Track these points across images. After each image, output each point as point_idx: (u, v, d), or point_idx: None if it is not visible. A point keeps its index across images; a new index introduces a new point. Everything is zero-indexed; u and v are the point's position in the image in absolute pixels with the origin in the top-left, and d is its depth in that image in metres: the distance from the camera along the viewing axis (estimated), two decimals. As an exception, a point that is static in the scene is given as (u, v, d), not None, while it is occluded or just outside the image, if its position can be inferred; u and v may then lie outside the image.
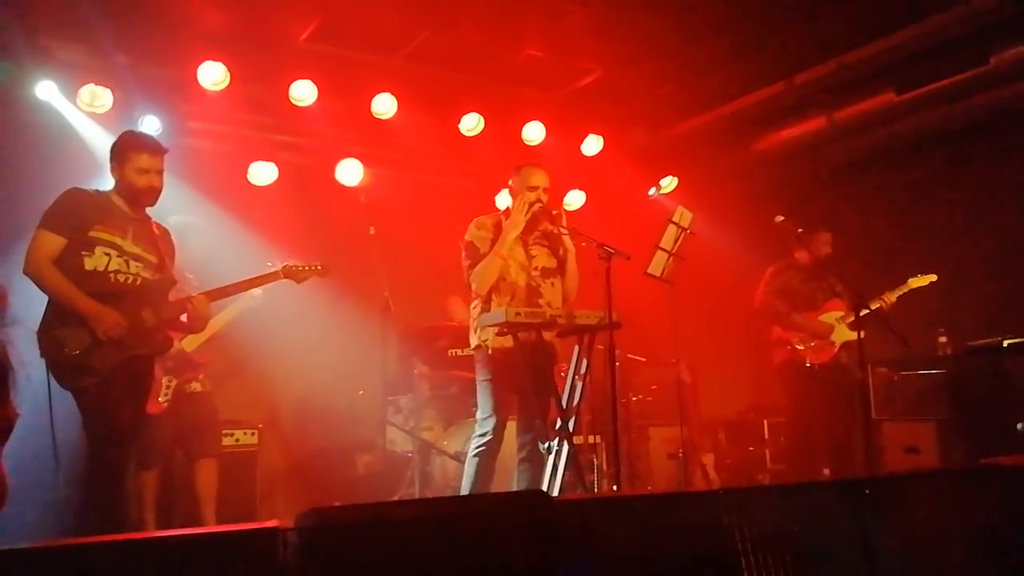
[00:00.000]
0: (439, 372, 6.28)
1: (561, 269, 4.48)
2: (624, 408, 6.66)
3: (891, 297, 5.73)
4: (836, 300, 5.91)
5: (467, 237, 4.39)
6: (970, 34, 5.53)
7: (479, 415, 4.39)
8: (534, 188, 4.42)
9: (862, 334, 4.92)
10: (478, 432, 4.35)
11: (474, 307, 4.46)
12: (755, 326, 7.49)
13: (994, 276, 6.24)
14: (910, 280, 5.77)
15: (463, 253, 4.38)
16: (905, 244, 6.72)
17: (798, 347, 5.85)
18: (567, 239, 4.44)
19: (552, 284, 4.44)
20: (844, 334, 5.77)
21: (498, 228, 4.42)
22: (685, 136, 7.28)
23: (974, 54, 5.65)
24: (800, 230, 5.15)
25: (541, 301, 4.35)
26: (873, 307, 5.32)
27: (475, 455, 4.30)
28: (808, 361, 5.82)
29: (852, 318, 5.65)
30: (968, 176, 6.59)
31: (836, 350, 5.82)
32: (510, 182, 4.53)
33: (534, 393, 4.28)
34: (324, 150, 6.63)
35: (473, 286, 4.28)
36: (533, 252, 4.43)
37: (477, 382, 4.40)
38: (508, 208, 4.55)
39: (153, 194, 3.94)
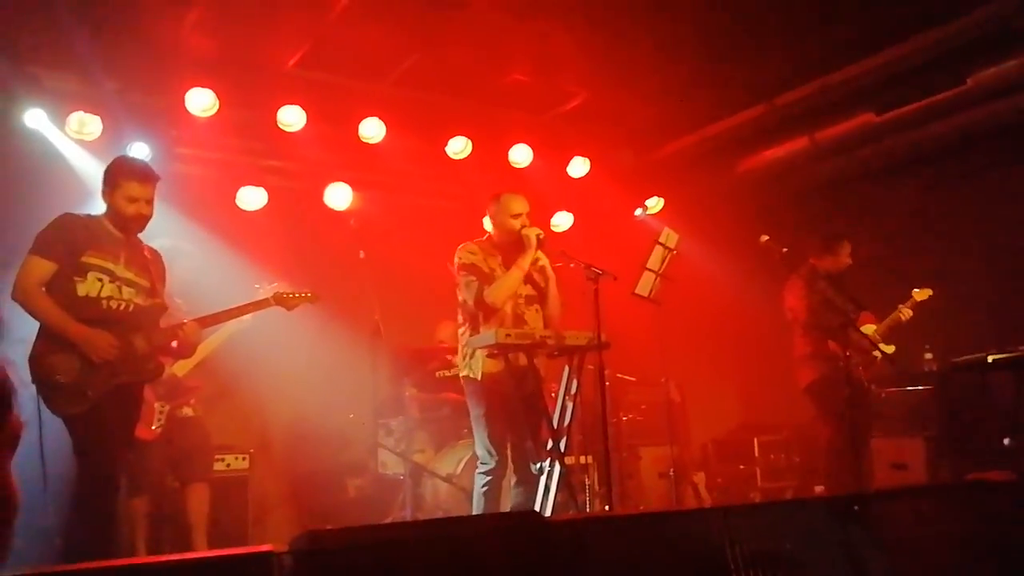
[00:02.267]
0: (430, 394, 6.28)
1: (542, 296, 4.51)
2: (615, 428, 6.67)
3: (906, 311, 5.66)
4: (866, 313, 5.71)
5: (462, 260, 4.40)
6: (947, 55, 5.64)
7: (478, 450, 4.40)
8: (517, 215, 4.45)
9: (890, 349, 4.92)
10: (481, 469, 4.36)
11: (462, 332, 4.47)
12: (744, 344, 7.54)
13: (980, 291, 6.32)
14: (914, 293, 5.69)
15: (461, 274, 4.39)
16: (893, 261, 6.80)
17: (848, 362, 5.32)
18: (547, 266, 4.47)
19: (536, 311, 4.47)
20: (883, 348, 5.51)
21: (486, 253, 4.44)
22: (671, 157, 7.36)
23: (952, 74, 5.75)
24: (784, 249, 5.19)
25: (526, 328, 4.38)
26: (904, 319, 5.34)
27: (483, 491, 4.31)
28: (856, 377, 5.47)
29: (885, 330, 5.58)
30: (950, 193, 6.68)
31: (878, 364, 5.61)
32: (488, 210, 4.56)
33: (525, 415, 4.29)
34: (313, 174, 6.65)
35: (488, 300, 4.28)
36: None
37: (472, 417, 4.40)
38: (490, 234, 4.57)
39: (142, 222, 3.94)
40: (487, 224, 4.55)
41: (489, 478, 4.30)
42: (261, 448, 6.28)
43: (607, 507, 4.49)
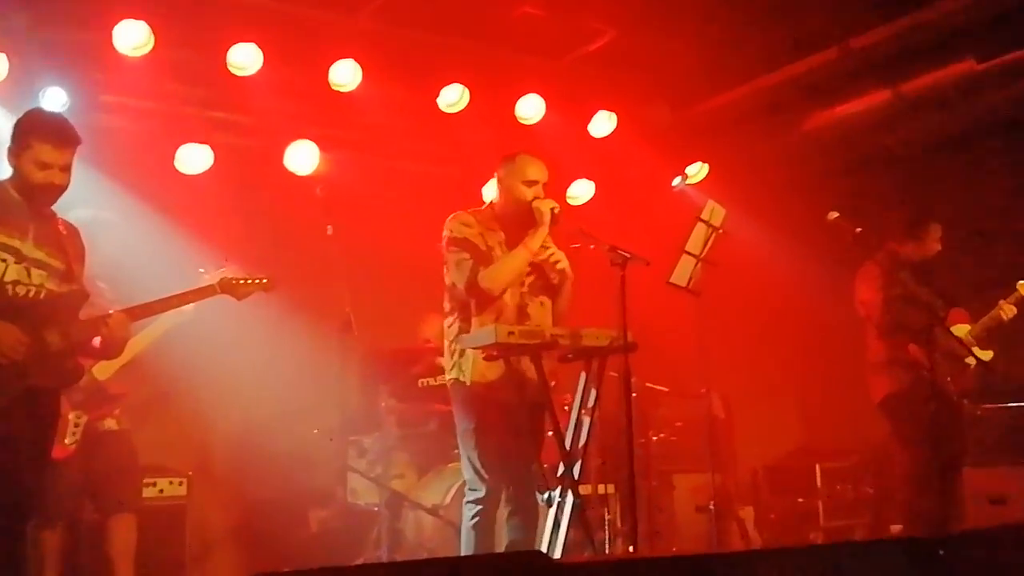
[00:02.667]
0: (412, 405, 6.30)
1: (552, 290, 4.51)
2: (642, 450, 6.65)
3: (1009, 308, 5.59)
4: (958, 310, 5.66)
5: (454, 232, 4.40)
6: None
7: (466, 473, 4.40)
8: (531, 183, 4.44)
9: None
10: (469, 498, 4.36)
11: (449, 324, 4.48)
12: (805, 347, 7.55)
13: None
14: (1019, 286, 5.60)
15: (451, 251, 4.39)
16: (992, 247, 6.76)
17: (934, 371, 5.29)
18: (566, 266, 4.48)
19: (541, 304, 4.48)
20: (978, 354, 5.41)
21: (485, 227, 4.44)
22: (717, 113, 7.33)
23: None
24: (858, 230, 5.17)
25: (528, 322, 4.38)
26: (1006, 318, 5.33)
27: (472, 524, 4.32)
28: (943, 390, 5.39)
29: (981, 332, 5.54)
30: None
31: (971, 374, 5.54)
32: (500, 172, 4.56)
33: (529, 433, 4.30)
34: (270, 130, 6.64)
35: (483, 284, 4.28)
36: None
37: (459, 431, 4.41)
38: (493, 203, 4.57)
39: (53, 192, 3.94)
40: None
41: (479, 507, 4.30)
42: (202, 470, 6.30)
43: (631, 548, 4.50)
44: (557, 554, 4.15)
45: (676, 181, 7.52)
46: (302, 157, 6.68)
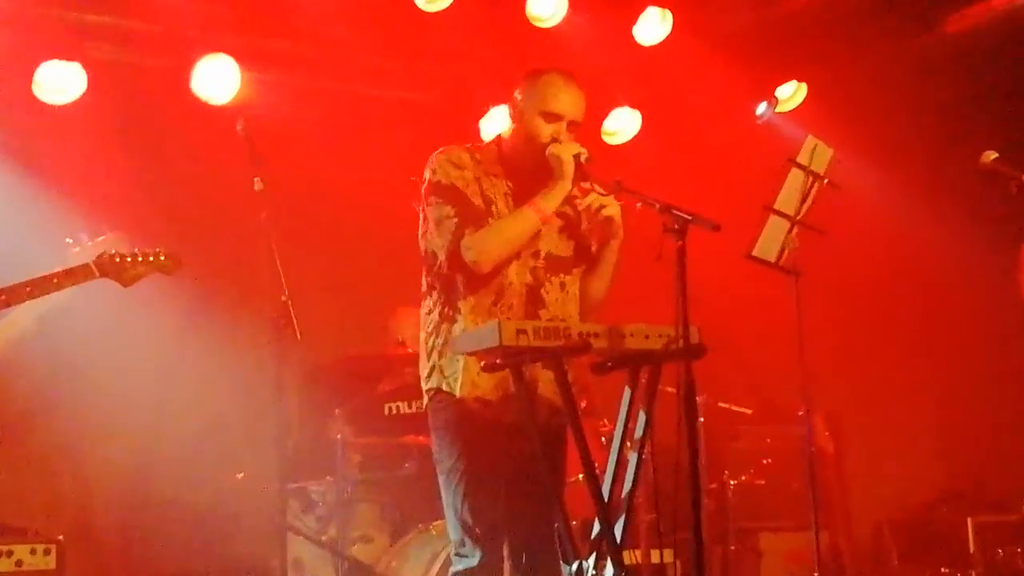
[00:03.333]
0: (380, 438, 6.32)
1: (586, 259, 4.48)
2: (715, 499, 6.62)
3: None
4: None
5: (436, 176, 4.36)
6: None
7: (451, 532, 4.36)
8: (552, 117, 4.38)
9: None
10: (457, 567, 4.32)
11: (428, 311, 4.45)
12: (947, 351, 7.51)
13: None
14: None
15: (431, 202, 4.34)
16: None
17: None
18: (615, 215, 4.43)
19: (562, 284, 4.43)
20: None
21: (484, 171, 4.41)
22: (818, 11, 7.30)
23: None
24: (1024, 176, 5.15)
25: (543, 315, 4.35)
26: None
27: None
28: None
29: None
30: None
31: None
32: (517, 95, 4.52)
33: (548, 476, 4.28)
34: (171, 40, 6.62)
35: (469, 256, 4.24)
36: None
37: (439, 470, 4.37)
38: (500, 137, 4.53)
39: None
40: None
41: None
42: (78, 532, 6.28)
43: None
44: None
45: (761, 109, 7.48)
46: (216, 79, 6.64)
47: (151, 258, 4.55)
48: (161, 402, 6.59)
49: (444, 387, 4.34)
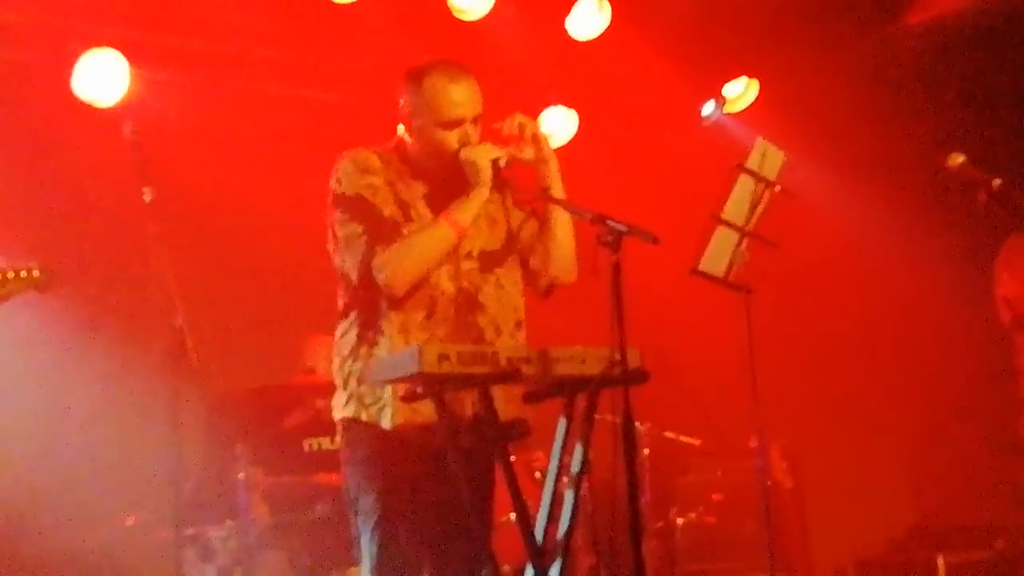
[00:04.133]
0: (290, 477, 6.32)
1: (517, 242, 4.48)
2: (661, 540, 6.64)
3: None
4: None
5: (341, 186, 4.34)
6: None
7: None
8: (452, 123, 4.37)
9: None
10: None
11: (344, 332, 4.42)
12: (916, 371, 7.58)
13: None
14: None
15: (338, 217, 4.33)
16: None
17: None
18: (532, 126, 4.44)
19: (497, 280, 4.44)
20: None
21: (396, 170, 4.39)
22: (769, 2, 7.36)
23: None
24: (996, 181, 5.19)
25: (482, 320, 4.40)
26: None
27: None
28: None
29: None
30: None
31: None
32: (402, 103, 4.49)
33: (474, 515, 4.27)
34: (48, 33, 6.60)
35: (382, 277, 4.22)
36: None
37: (353, 505, 4.38)
38: (402, 139, 4.51)
39: None
40: (401, 129, 4.50)
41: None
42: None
43: None
44: None
45: (707, 109, 7.55)
46: (101, 77, 6.60)
47: (23, 274, 4.50)
48: (39, 438, 6.51)
49: (364, 417, 4.32)
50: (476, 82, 4.43)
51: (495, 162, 4.31)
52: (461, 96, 4.38)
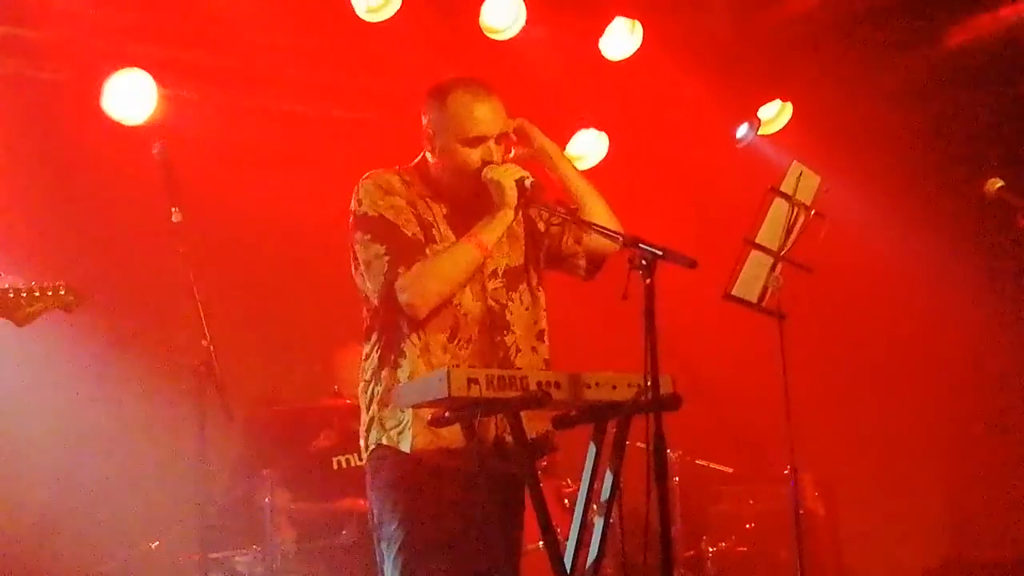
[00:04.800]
0: (317, 504, 6.30)
1: (536, 257, 4.48)
2: (692, 569, 6.58)
3: None
4: None
5: (363, 207, 4.33)
6: None
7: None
8: (475, 141, 4.36)
9: None
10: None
11: (367, 354, 4.40)
12: (951, 400, 7.52)
13: None
14: None
15: (360, 238, 4.32)
16: None
17: None
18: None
19: (520, 298, 4.43)
20: None
21: (419, 193, 4.39)
22: (805, 23, 7.35)
23: None
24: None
25: (508, 339, 4.39)
26: None
27: None
28: None
29: None
30: None
31: None
32: (425, 122, 4.47)
33: (502, 542, 4.24)
34: (78, 52, 6.60)
35: (404, 297, 4.21)
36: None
37: (378, 536, 4.36)
38: (424, 160, 4.50)
39: None
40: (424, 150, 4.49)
41: None
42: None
43: None
44: None
45: (741, 131, 7.52)
46: (130, 96, 6.61)
47: (50, 293, 4.50)
48: (64, 460, 6.51)
49: (385, 441, 4.29)
50: (501, 101, 4.41)
51: (520, 182, 4.28)
52: (484, 113, 4.36)
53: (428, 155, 4.49)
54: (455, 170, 4.37)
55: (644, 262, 4.02)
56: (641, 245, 4.04)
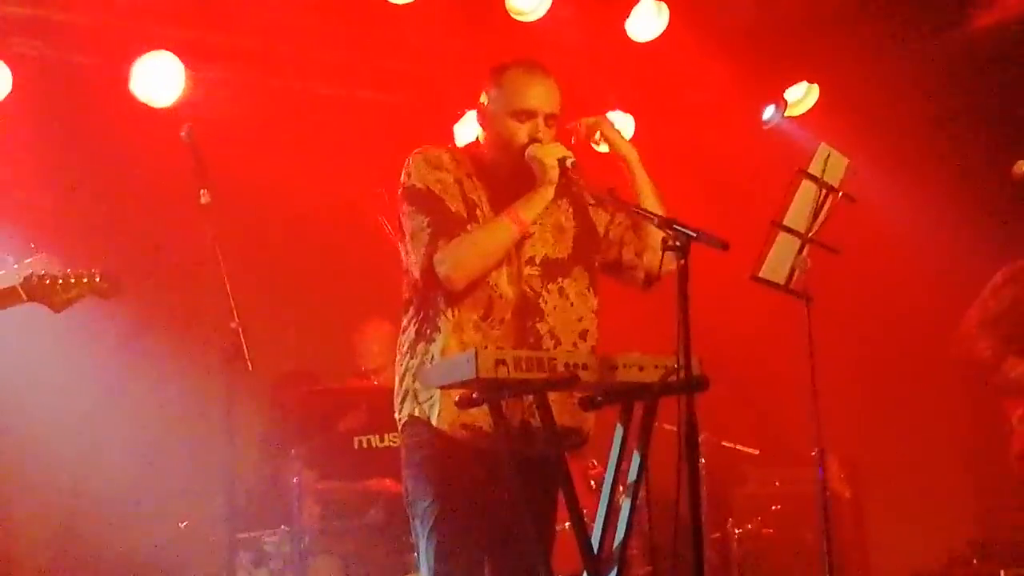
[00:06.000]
0: (344, 482, 6.32)
1: (588, 253, 4.50)
2: (718, 551, 6.62)
3: None
4: None
5: (412, 179, 4.34)
6: None
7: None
8: (524, 114, 4.37)
9: None
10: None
11: (404, 327, 4.42)
12: (977, 385, 7.51)
13: None
14: None
15: (407, 210, 4.33)
16: None
17: None
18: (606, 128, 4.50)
19: (560, 289, 4.42)
20: None
21: (466, 170, 4.40)
22: (831, 5, 7.33)
23: None
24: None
25: (541, 328, 4.42)
26: None
27: None
28: None
29: None
30: None
31: None
32: (483, 99, 4.52)
33: (532, 521, 4.26)
34: (106, 35, 6.62)
35: (442, 270, 4.22)
36: (528, 231, 4.42)
37: (411, 509, 4.37)
38: (477, 142, 4.53)
39: None
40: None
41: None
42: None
43: None
44: None
45: (768, 113, 7.52)
46: (158, 79, 6.64)
47: (85, 280, 4.54)
48: (96, 441, 6.55)
49: (418, 413, 4.31)
50: (556, 85, 4.46)
51: (562, 161, 4.31)
52: (537, 90, 4.41)
53: (479, 135, 4.54)
54: (502, 143, 4.41)
55: (678, 244, 4.05)
56: (675, 226, 4.07)
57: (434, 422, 4.27)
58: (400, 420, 4.41)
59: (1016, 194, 5.18)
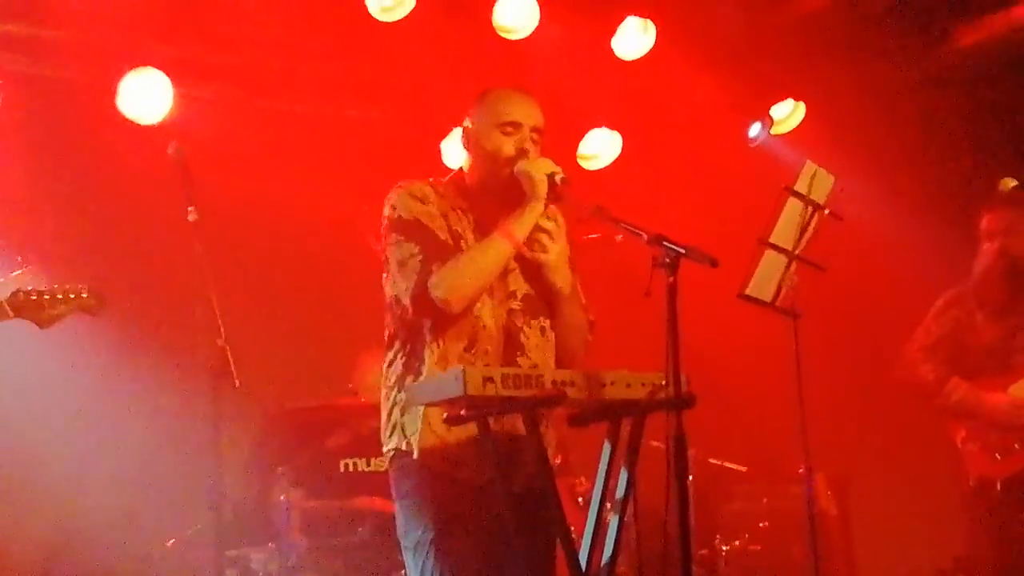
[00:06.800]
0: (330, 500, 6.30)
1: (552, 306, 4.49)
2: (705, 567, 6.61)
3: None
4: None
5: (397, 212, 4.34)
6: None
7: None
8: (510, 127, 4.39)
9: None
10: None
11: (390, 361, 4.42)
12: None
13: None
14: None
15: (393, 241, 4.33)
16: None
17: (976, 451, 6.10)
18: (554, 234, 4.43)
19: (542, 328, 4.43)
20: None
21: (450, 204, 4.40)
22: (818, 22, 7.35)
23: None
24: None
25: (523, 362, 4.37)
26: None
27: None
28: (996, 478, 6.10)
29: None
30: None
31: None
32: (467, 121, 4.53)
33: (520, 542, 4.26)
34: (93, 52, 6.63)
35: (437, 293, 4.20)
36: (510, 266, 4.41)
37: (404, 542, 4.37)
38: (461, 170, 4.53)
39: None
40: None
41: None
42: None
43: None
44: None
45: (754, 131, 7.53)
46: (145, 96, 6.64)
47: (72, 296, 4.54)
48: (81, 458, 6.52)
49: (404, 447, 4.31)
50: (539, 104, 4.47)
51: (551, 177, 4.32)
52: (522, 104, 4.44)
53: (464, 163, 4.54)
54: (489, 159, 4.41)
55: (667, 260, 4.06)
56: (665, 243, 4.07)
57: (415, 455, 4.27)
58: (388, 453, 4.40)
59: (1006, 212, 5.20)
